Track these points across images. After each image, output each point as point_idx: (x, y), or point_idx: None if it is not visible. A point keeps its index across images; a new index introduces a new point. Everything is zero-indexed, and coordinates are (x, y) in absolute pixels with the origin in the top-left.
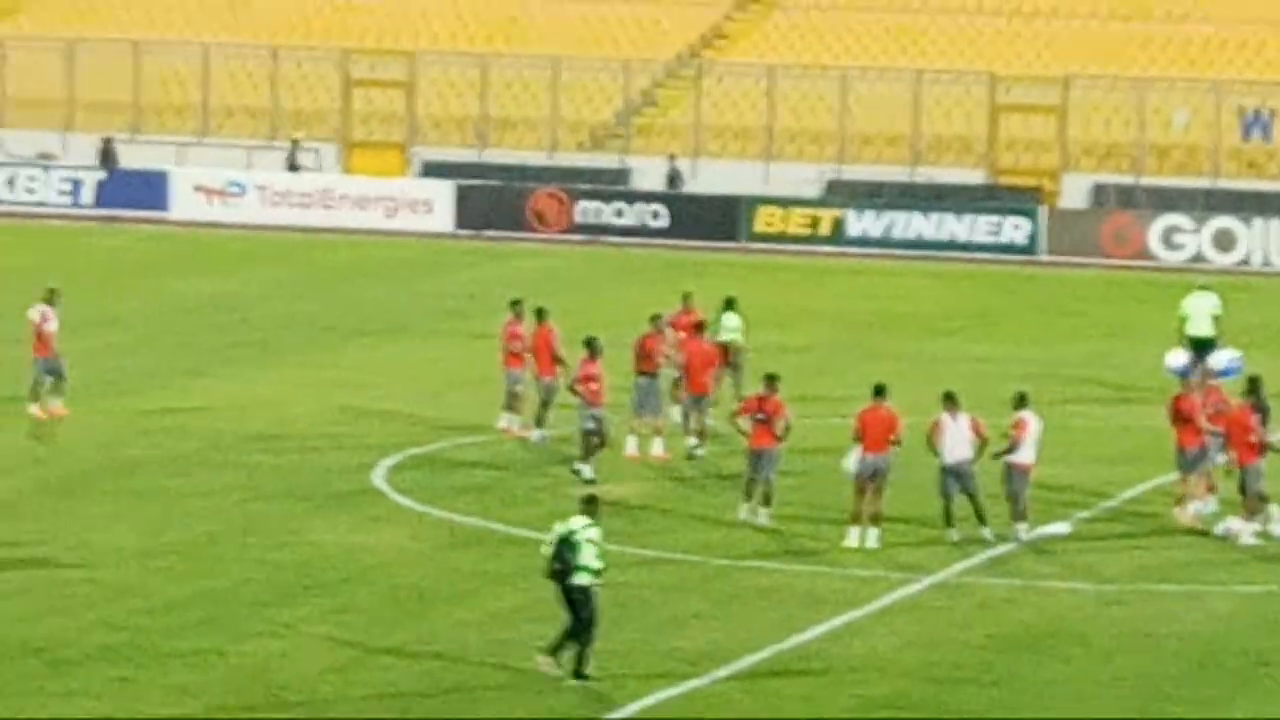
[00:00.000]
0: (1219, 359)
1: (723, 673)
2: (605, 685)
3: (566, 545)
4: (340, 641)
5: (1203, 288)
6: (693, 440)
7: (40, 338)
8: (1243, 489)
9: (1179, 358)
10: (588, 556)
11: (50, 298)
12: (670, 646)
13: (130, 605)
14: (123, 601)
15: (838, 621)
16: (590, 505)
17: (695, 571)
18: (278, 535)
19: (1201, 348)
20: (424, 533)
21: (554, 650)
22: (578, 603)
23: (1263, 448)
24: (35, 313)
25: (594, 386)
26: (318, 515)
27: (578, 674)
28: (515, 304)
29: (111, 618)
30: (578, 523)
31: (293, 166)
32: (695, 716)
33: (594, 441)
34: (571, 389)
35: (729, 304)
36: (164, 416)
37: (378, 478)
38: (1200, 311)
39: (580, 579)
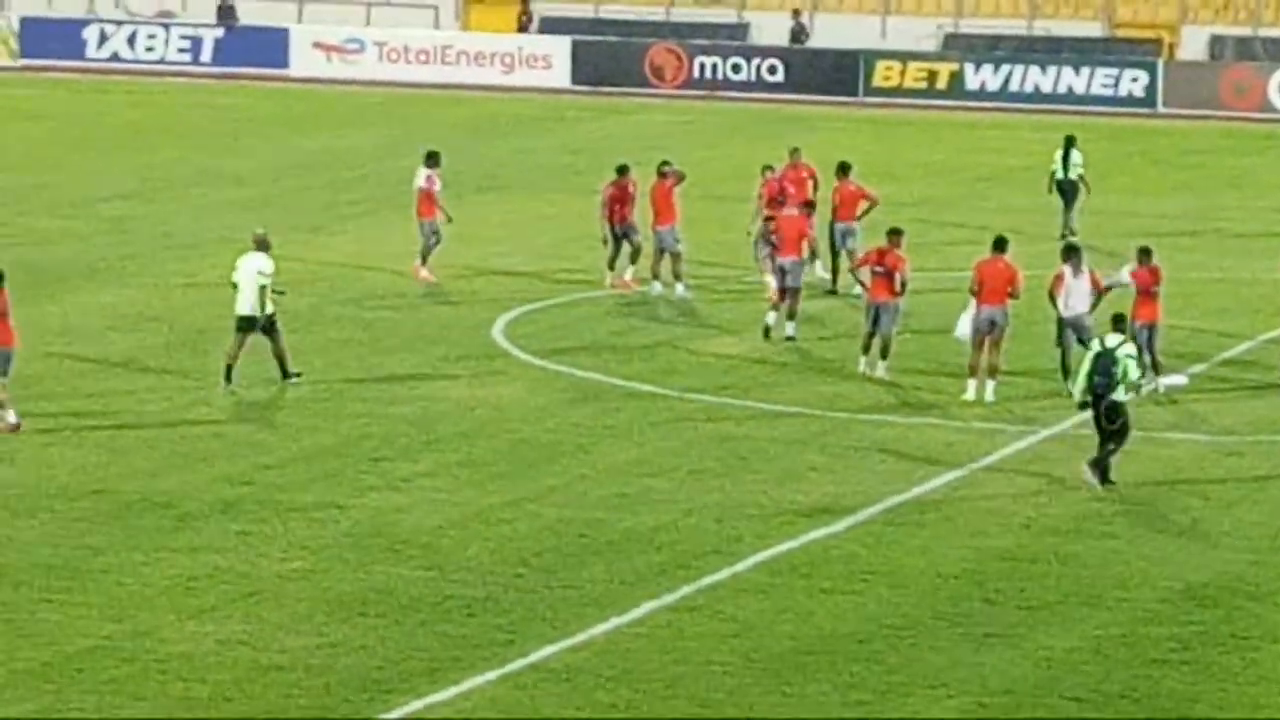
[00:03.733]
0: None
1: (840, 525)
2: (722, 538)
3: (1109, 361)
4: (459, 495)
5: None
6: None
7: (426, 200)
8: None
9: None
10: (1126, 372)
11: (432, 160)
12: (788, 499)
13: (252, 460)
14: (244, 456)
15: (955, 474)
16: (1121, 323)
17: (813, 425)
18: (397, 390)
19: None
20: (543, 387)
21: (1097, 463)
22: (1114, 417)
23: None
24: (420, 176)
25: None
26: (437, 370)
27: (1103, 480)
28: (622, 170)
29: (233, 472)
30: (1113, 340)
31: (524, 27)
32: (813, 568)
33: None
34: (768, 238)
35: (1070, 141)
36: (283, 272)
37: (497, 332)
38: None
39: (1119, 394)
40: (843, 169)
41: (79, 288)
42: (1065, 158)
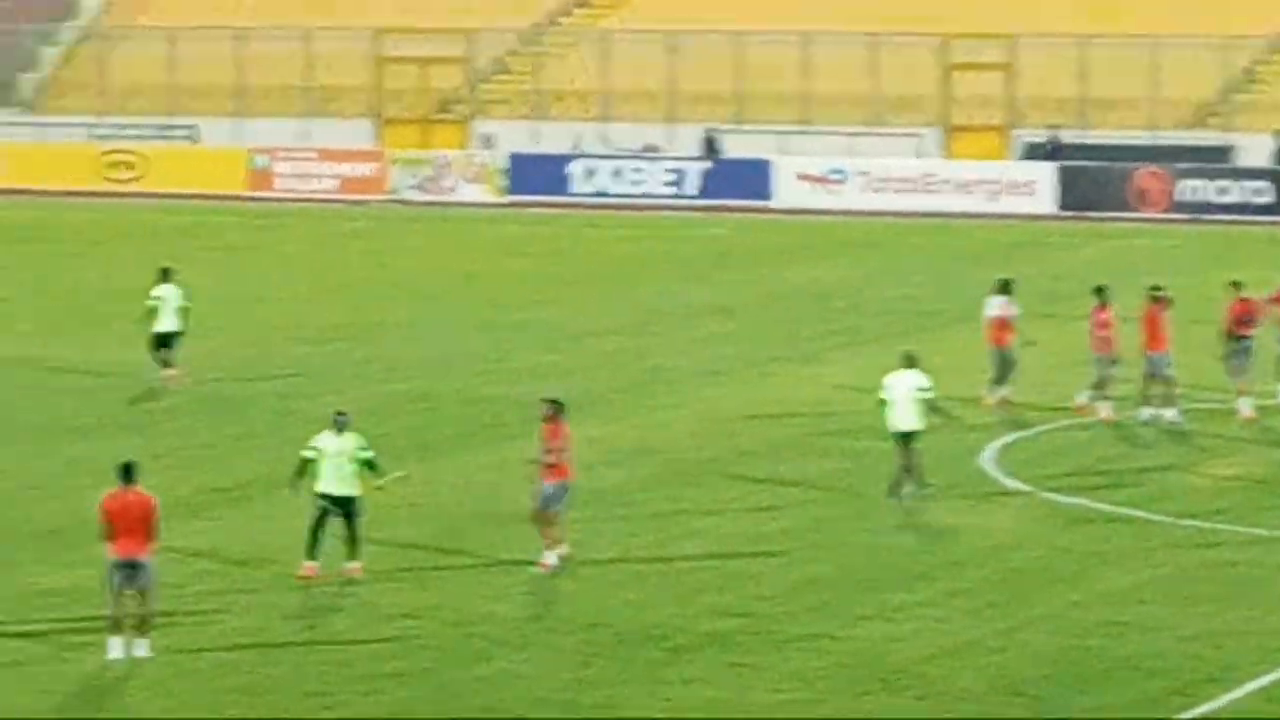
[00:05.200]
0: None
1: None
2: (1219, 665)
3: None
4: (951, 624)
5: None
6: None
7: (999, 327)
8: None
9: None
10: None
11: (1005, 288)
12: None
13: (744, 591)
14: (736, 588)
15: None
16: None
17: None
18: (887, 520)
19: None
20: (1033, 514)
21: None
22: None
23: None
24: (993, 304)
25: None
26: (927, 499)
27: None
28: (1100, 291)
29: (726, 604)
30: None
31: (1051, 153)
32: None
33: None
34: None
35: None
36: (771, 404)
37: (986, 460)
38: None
39: None
40: None
41: (571, 421)
42: None
